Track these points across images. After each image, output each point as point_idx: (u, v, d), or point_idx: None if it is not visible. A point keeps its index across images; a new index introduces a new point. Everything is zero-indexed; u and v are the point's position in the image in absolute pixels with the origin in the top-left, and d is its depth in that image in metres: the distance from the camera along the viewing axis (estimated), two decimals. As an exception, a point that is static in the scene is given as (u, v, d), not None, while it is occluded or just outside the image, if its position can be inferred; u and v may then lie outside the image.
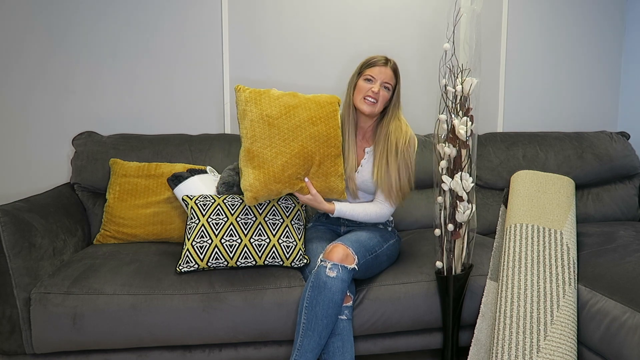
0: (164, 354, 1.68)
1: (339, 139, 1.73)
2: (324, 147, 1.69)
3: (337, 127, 1.73)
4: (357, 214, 1.79)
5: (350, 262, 1.59)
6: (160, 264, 1.74)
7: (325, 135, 1.70)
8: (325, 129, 1.71)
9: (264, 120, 1.66)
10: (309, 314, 1.54)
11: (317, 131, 1.69)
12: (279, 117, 1.67)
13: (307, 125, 1.68)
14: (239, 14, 2.37)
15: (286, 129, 1.66)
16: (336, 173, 1.72)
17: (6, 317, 1.60)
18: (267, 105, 1.69)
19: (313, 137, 1.68)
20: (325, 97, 1.78)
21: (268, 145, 1.65)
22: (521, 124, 2.64)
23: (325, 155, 1.69)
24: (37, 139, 2.30)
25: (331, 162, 1.71)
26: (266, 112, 1.67)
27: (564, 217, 1.82)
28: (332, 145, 1.71)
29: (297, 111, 1.70)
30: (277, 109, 1.69)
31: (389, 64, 1.78)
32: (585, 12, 2.63)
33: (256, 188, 1.64)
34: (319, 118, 1.71)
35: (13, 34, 2.25)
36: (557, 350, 1.46)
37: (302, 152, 1.66)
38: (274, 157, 1.64)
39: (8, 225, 1.60)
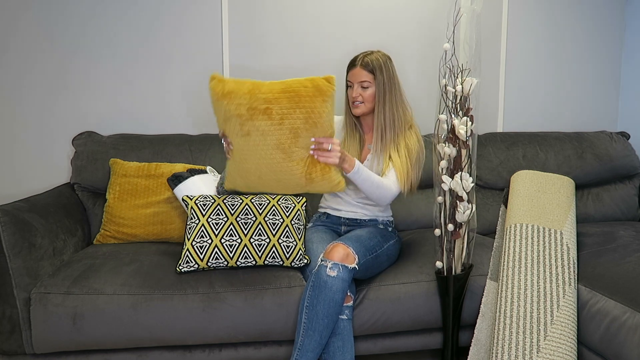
0: (164, 354, 1.68)
1: (332, 129, 1.57)
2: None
3: (325, 120, 1.52)
4: (371, 179, 1.70)
5: (351, 261, 1.59)
6: (160, 264, 1.74)
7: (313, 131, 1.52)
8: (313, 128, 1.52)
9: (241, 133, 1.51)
10: (310, 313, 1.54)
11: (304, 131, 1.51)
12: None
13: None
14: (239, 13, 2.37)
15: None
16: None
17: (6, 317, 1.60)
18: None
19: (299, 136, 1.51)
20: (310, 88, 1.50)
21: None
22: (521, 124, 2.64)
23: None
24: (37, 139, 2.30)
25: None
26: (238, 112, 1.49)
27: (564, 217, 1.82)
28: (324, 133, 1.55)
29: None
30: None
31: (358, 63, 1.79)
32: (585, 12, 2.63)
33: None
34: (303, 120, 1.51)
35: (13, 34, 2.24)
36: (557, 350, 1.46)
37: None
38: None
39: (8, 225, 1.60)
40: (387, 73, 1.78)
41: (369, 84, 1.78)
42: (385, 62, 1.80)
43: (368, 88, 1.79)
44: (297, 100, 1.46)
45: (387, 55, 1.85)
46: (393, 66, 1.83)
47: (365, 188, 1.72)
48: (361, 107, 1.81)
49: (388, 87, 1.78)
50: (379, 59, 1.79)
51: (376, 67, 1.78)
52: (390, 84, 1.79)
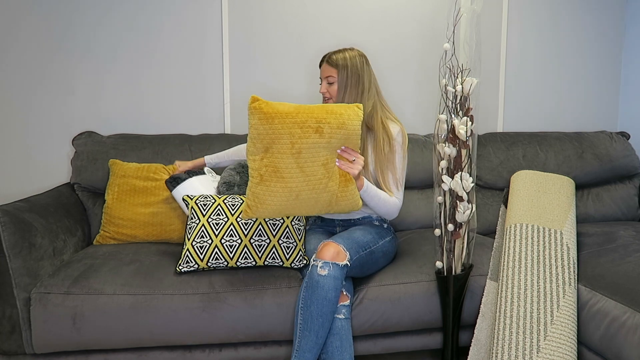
0: (164, 354, 1.68)
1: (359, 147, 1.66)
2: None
3: (359, 140, 1.63)
4: (378, 195, 1.73)
5: (342, 259, 1.59)
6: (160, 264, 1.74)
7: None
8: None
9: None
10: (305, 314, 1.54)
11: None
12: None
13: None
14: (239, 14, 2.37)
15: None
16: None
17: (6, 317, 1.60)
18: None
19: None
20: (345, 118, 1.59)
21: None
22: (521, 124, 2.64)
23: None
24: (37, 139, 2.30)
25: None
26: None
27: (564, 217, 1.82)
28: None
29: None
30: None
31: (325, 59, 1.84)
32: (585, 12, 2.63)
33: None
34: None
35: (13, 34, 2.25)
36: (557, 350, 1.46)
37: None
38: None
39: (8, 225, 1.60)
40: (351, 69, 1.78)
41: (333, 79, 1.81)
42: (352, 58, 1.80)
43: (333, 84, 1.82)
44: (341, 121, 1.55)
45: (361, 54, 1.83)
46: (364, 64, 1.81)
47: (373, 204, 1.75)
48: (330, 102, 1.84)
49: (350, 84, 1.79)
50: (345, 56, 1.80)
51: (340, 64, 1.79)
52: (353, 79, 1.78)
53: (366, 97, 1.80)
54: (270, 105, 1.50)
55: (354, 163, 1.61)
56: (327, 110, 1.55)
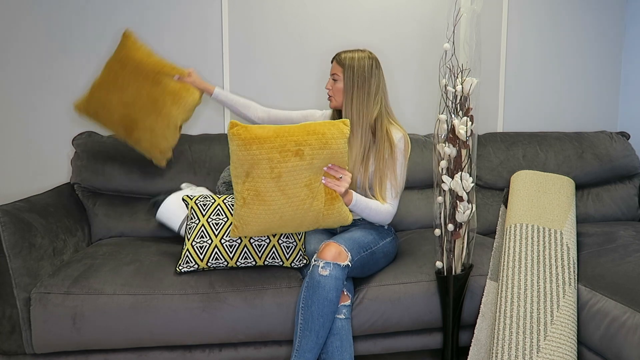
0: (164, 354, 1.68)
1: (347, 164, 1.64)
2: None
3: (345, 157, 1.61)
4: (369, 207, 1.72)
5: (343, 259, 1.59)
6: (160, 264, 1.74)
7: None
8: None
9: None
10: (305, 314, 1.54)
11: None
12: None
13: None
14: (239, 13, 2.37)
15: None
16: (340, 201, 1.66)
17: (6, 317, 1.60)
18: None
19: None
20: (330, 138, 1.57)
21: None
22: (521, 124, 2.64)
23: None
24: (37, 139, 2.30)
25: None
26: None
27: (564, 217, 1.82)
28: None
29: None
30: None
31: (335, 57, 1.84)
32: (585, 12, 2.63)
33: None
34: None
35: (14, 34, 2.25)
36: (557, 350, 1.46)
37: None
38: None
39: (8, 225, 1.60)
40: (358, 70, 1.75)
41: (338, 77, 1.80)
42: (361, 59, 1.77)
43: (337, 81, 1.80)
44: (324, 141, 1.54)
45: (372, 56, 1.80)
46: (373, 67, 1.78)
47: (365, 215, 1.75)
48: (332, 100, 1.84)
49: (357, 84, 1.76)
50: (354, 56, 1.78)
51: (347, 63, 1.77)
52: (359, 82, 1.76)
53: (372, 101, 1.77)
54: (249, 130, 1.51)
55: (340, 180, 1.60)
56: (309, 130, 1.54)
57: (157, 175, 2.15)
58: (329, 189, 1.60)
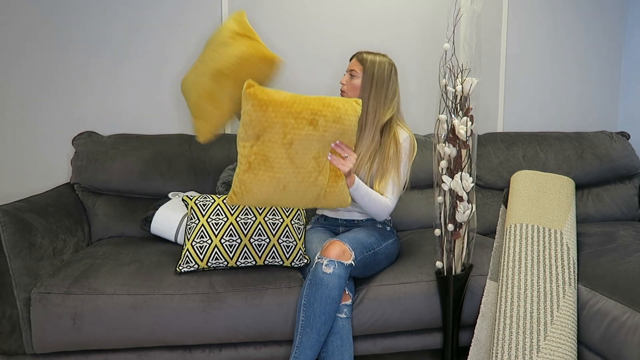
0: (164, 354, 1.68)
1: (354, 144, 1.64)
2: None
3: (354, 136, 1.61)
4: (369, 194, 1.72)
5: (347, 258, 1.59)
6: (160, 264, 1.74)
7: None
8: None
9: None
10: (307, 311, 1.54)
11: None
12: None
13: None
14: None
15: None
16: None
17: (6, 317, 1.60)
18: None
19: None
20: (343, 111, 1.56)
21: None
22: (521, 124, 2.64)
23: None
24: (37, 139, 2.30)
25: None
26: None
27: (564, 217, 1.82)
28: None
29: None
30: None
31: (355, 55, 1.86)
32: (585, 12, 2.63)
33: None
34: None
35: (14, 34, 2.25)
36: (557, 350, 1.46)
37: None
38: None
39: (8, 225, 1.60)
40: (378, 72, 1.79)
41: (356, 74, 1.81)
42: (381, 62, 1.80)
43: (354, 77, 1.81)
44: (338, 115, 1.52)
45: (392, 62, 1.83)
46: (392, 72, 1.81)
47: (363, 204, 1.74)
48: (344, 95, 1.84)
49: (375, 85, 1.78)
50: (375, 59, 1.81)
51: (368, 62, 1.79)
52: (378, 83, 1.78)
53: (388, 105, 1.81)
54: (266, 92, 1.47)
55: (346, 160, 1.59)
56: (324, 102, 1.52)
57: (157, 175, 2.15)
58: (334, 166, 1.59)
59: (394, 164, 1.78)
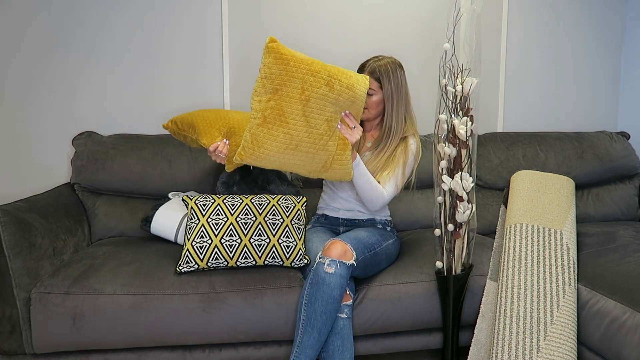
0: (164, 354, 1.68)
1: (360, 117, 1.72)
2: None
3: (362, 109, 1.68)
4: (367, 175, 1.76)
5: (349, 258, 1.59)
6: (160, 264, 1.74)
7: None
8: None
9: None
10: (308, 310, 1.54)
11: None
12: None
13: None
14: (239, 13, 2.37)
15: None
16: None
17: (6, 317, 1.60)
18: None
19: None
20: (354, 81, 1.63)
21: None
22: (521, 124, 2.64)
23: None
24: (37, 139, 2.30)
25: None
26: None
27: (564, 217, 1.82)
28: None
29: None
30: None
31: (367, 70, 1.83)
32: (585, 12, 2.63)
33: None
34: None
35: (13, 34, 2.25)
36: (557, 350, 1.46)
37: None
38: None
39: (8, 225, 1.60)
40: (394, 81, 1.81)
41: (373, 91, 1.81)
42: (394, 69, 1.81)
43: (373, 95, 1.81)
44: (351, 82, 1.59)
45: (398, 62, 1.85)
46: (402, 74, 1.84)
47: (360, 184, 1.76)
48: (365, 112, 1.84)
49: (395, 94, 1.82)
50: (387, 65, 1.81)
51: (383, 75, 1.80)
52: (397, 93, 1.82)
53: (406, 114, 1.85)
54: (288, 49, 1.51)
55: (353, 130, 1.65)
56: (339, 69, 1.59)
57: (157, 175, 2.14)
58: (342, 136, 1.64)
59: (398, 161, 1.82)
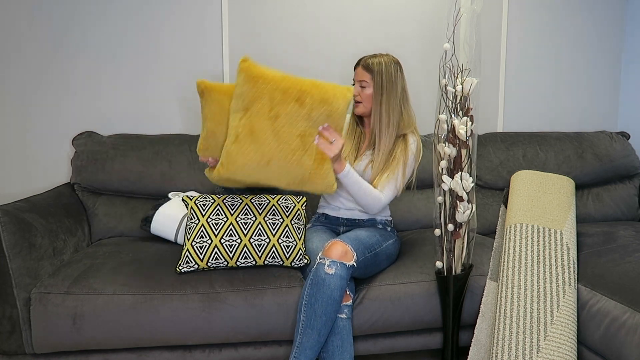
0: (164, 354, 1.68)
1: (342, 130, 1.67)
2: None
3: (342, 121, 1.64)
4: (360, 183, 1.74)
5: (349, 259, 1.59)
6: (160, 264, 1.74)
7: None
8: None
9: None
10: (308, 311, 1.54)
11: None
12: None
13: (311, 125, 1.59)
14: (239, 14, 2.37)
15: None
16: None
17: (6, 317, 1.60)
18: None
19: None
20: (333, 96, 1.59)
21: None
22: (521, 124, 2.64)
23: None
24: (37, 139, 2.30)
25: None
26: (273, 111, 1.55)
27: (564, 217, 1.82)
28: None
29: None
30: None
31: (360, 63, 1.86)
32: (585, 12, 2.63)
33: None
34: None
35: (13, 34, 2.25)
36: (557, 350, 1.46)
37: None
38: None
39: (8, 225, 1.60)
40: (386, 76, 1.80)
41: (366, 84, 1.82)
42: (387, 64, 1.81)
43: (366, 88, 1.83)
44: (326, 97, 1.56)
45: (396, 60, 1.85)
46: (398, 71, 1.83)
47: (353, 192, 1.75)
48: (360, 106, 1.86)
49: (386, 89, 1.80)
50: (381, 61, 1.81)
51: (375, 69, 1.81)
52: (388, 87, 1.80)
53: (399, 105, 1.83)
54: (259, 67, 1.52)
55: (332, 144, 1.60)
56: (315, 84, 1.56)
57: (157, 175, 2.14)
58: (321, 150, 1.60)
59: (398, 162, 1.81)
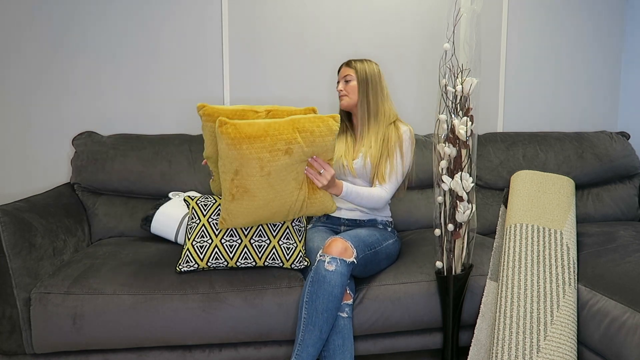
0: (164, 354, 1.68)
1: (333, 157, 1.68)
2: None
3: (332, 152, 1.64)
4: (361, 192, 1.78)
5: (349, 255, 1.59)
6: (160, 264, 1.74)
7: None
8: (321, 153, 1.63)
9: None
10: (309, 308, 1.54)
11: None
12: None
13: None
14: (239, 15, 2.37)
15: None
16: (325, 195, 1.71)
17: (6, 317, 1.60)
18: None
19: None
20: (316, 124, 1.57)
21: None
22: (521, 124, 2.64)
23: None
24: (37, 139, 2.30)
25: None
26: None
27: (564, 217, 1.82)
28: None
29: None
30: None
31: (344, 64, 1.95)
32: (585, 12, 2.63)
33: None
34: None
35: (13, 34, 2.25)
36: (557, 350, 1.46)
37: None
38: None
39: (8, 225, 1.60)
40: (369, 70, 1.90)
41: (351, 77, 1.90)
42: (369, 62, 1.92)
43: (350, 81, 1.90)
44: (312, 139, 1.56)
45: (377, 64, 1.94)
46: (379, 71, 1.92)
47: (357, 203, 1.80)
48: (345, 99, 1.92)
49: (370, 80, 1.89)
50: (362, 60, 1.93)
51: (357, 65, 1.91)
52: (372, 79, 1.89)
53: (385, 98, 1.90)
54: (238, 128, 1.49)
55: (321, 175, 1.64)
56: (298, 128, 1.54)
57: (157, 175, 2.15)
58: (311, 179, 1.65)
59: (393, 152, 1.84)
